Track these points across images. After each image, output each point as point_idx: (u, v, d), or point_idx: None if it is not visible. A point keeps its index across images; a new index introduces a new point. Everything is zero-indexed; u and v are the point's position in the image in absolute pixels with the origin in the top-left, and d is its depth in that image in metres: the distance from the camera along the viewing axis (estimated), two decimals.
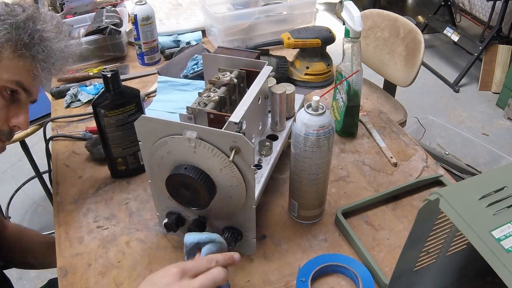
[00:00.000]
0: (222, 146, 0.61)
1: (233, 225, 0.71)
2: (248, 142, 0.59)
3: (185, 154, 0.63)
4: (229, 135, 0.59)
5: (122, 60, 1.37)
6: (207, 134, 0.61)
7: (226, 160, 0.61)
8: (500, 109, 2.66)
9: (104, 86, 0.81)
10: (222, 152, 0.61)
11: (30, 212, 2.01)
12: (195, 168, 0.63)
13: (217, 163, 0.62)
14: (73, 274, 0.73)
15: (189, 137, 0.61)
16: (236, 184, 0.63)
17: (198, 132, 0.61)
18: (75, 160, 0.98)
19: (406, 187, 0.85)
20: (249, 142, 0.59)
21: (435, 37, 3.40)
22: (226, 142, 0.60)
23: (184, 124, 0.62)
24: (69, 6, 1.55)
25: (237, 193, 0.64)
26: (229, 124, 0.67)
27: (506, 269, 0.41)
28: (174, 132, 0.62)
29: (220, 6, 1.46)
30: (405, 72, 1.63)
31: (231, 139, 0.59)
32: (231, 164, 0.61)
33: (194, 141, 0.61)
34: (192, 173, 0.62)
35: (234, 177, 0.63)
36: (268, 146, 0.81)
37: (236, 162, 0.61)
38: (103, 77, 0.79)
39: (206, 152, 0.62)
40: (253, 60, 0.82)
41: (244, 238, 0.72)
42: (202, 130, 0.61)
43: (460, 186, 0.50)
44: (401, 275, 0.60)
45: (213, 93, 0.74)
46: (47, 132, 1.09)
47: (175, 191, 0.66)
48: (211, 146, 0.61)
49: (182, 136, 0.62)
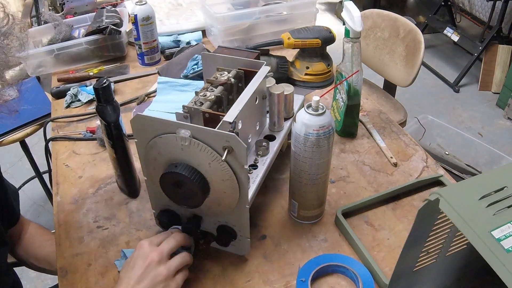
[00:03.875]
0: (215, 146, 0.61)
1: (227, 224, 0.71)
2: (240, 142, 0.59)
3: (175, 152, 0.64)
4: (222, 135, 0.60)
5: (122, 60, 1.37)
6: (200, 133, 0.61)
7: (213, 154, 0.61)
8: (500, 109, 2.66)
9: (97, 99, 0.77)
10: (216, 152, 0.61)
11: (30, 212, 2.01)
12: (187, 165, 0.63)
13: (205, 158, 0.62)
14: (73, 274, 0.73)
15: (183, 136, 0.61)
16: (227, 178, 0.63)
17: (192, 131, 0.61)
18: (75, 160, 0.98)
19: (406, 187, 0.85)
20: (241, 142, 0.59)
21: (435, 37, 3.40)
22: (219, 142, 0.60)
23: (178, 123, 0.62)
24: (69, 6, 1.55)
25: (231, 187, 0.64)
26: (223, 123, 0.67)
27: (506, 269, 0.41)
28: (169, 131, 0.62)
29: (220, 6, 1.46)
30: (405, 72, 1.63)
31: (224, 138, 0.60)
32: (218, 158, 0.62)
33: (188, 140, 0.61)
34: (184, 170, 0.62)
35: (223, 171, 0.63)
36: (265, 146, 0.80)
37: (229, 161, 0.62)
38: (95, 90, 0.76)
39: (194, 148, 0.62)
40: (251, 60, 0.82)
41: (238, 238, 0.72)
42: (196, 129, 0.61)
43: (460, 186, 0.50)
44: (401, 275, 0.60)
45: (210, 92, 0.74)
46: (47, 132, 1.09)
47: (169, 189, 0.66)
48: (200, 143, 0.61)
49: (170, 135, 0.62)
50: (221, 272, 0.72)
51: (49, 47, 1.27)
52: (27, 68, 1.29)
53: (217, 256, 0.75)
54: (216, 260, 0.74)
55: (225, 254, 0.75)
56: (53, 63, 1.31)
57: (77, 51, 1.30)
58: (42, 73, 1.32)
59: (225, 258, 0.74)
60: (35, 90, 1.48)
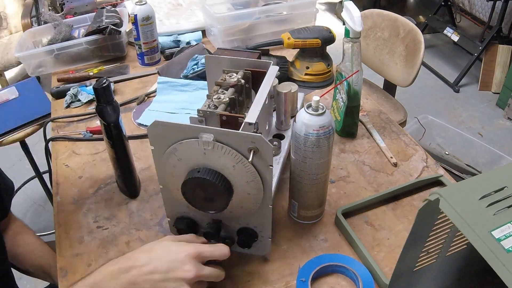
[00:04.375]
0: (239, 148, 0.60)
1: (248, 226, 0.70)
2: (266, 142, 0.58)
3: (197, 157, 0.62)
4: (247, 136, 0.59)
5: (122, 60, 1.37)
6: (223, 136, 0.60)
7: (238, 157, 0.60)
8: (500, 109, 2.66)
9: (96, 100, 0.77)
10: (240, 154, 0.60)
11: (30, 212, 2.01)
12: (209, 169, 0.62)
13: (229, 161, 0.61)
14: (73, 274, 0.73)
15: (206, 139, 0.60)
16: (251, 179, 0.62)
17: (215, 135, 0.60)
18: (75, 160, 0.98)
19: (406, 187, 0.85)
20: (267, 142, 0.58)
21: (435, 37, 3.40)
22: (244, 143, 0.59)
23: (199, 127, 0.60)
24: (69, 6, 1.55)
25: (255, 188, 0.63)
26: (245, 125, 0.67)
27: (506, 269, 0.41)
28: (189, 136, 0.61)
29: (220, 6, 1.46)
30: (405, 72, 1.63)
31: (250, 140, 0.59)
32: (243, 160, 0.60)
33: (212, 143, 0.60)
34: (207, 175, 0.61)
35: (248, 172, 0.62)
36: (277, 146, 0.81)
37: (254, 162, 0.61)
38: (95, 90, 0.75)
39: (217, 152, 0.61)
40: (257, 60, 0.82)
41: (259, 239, 0.71)
42: (219, 132, 0.60)
43: (460, 186, 0.50)
44: (401, 275, 0.60)
45: (222, 94, 0.73)
46: (47, 132, 1.09)
47: (191, 195, 0.64)
48: (224, 146, 0.60)
49: (191, 140, 0.60)
50: None
51: (49, 47, 1.27)
52: (27, 68, 1.30)
53: None
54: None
55: None
56: (53, 63, 1.31)
57: (77, 51, 1.30)
58: (42, 73, 1.32)
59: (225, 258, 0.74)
60: (35, 90, 1.48)
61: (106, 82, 0.75)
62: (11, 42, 2.47)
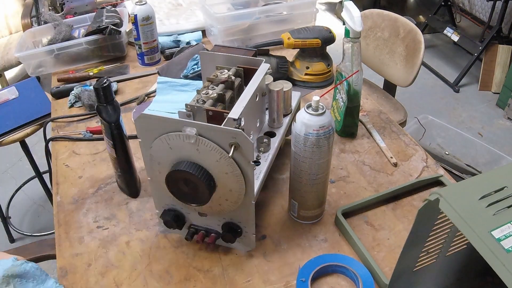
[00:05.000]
0: (221, 142, 0.61)
1: (232, 221, 0.71)
2: (247, 138, 0.59)
3: (182, 151, 0.64)
4: (228, 131, 0.60)
5: (122, 60, 1.37)
6: (206, 131, 0.61)
7: (220, 152, 0.62)
8: (500, 109, 2.66)
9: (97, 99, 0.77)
10: (222, 148, 0.61)
11: (30, 212, 2.01)
12: (193, 164, 0.63)
13: (212, 155, 0.62)
14: (73, 274, 0.73)
15: (189, 133, 0.61)
16: (234, 174, 0.64)
17: (198, 129, 0.61)
18: (75, 160, 0.98)
19: (406, 187, 0.85)
20: (248, 138, 0.59)
21: (435, 37, 3.40)
22: (225, 138, 0.61)
23: (183, 121, 0.62)
24: (69, 6, 1.55)
25: (237, 183, 0.64)
26: (228, 120, 0.68)
27: (506, 269, 0.41)
28: (174, 129, 0.63)
29: (220, 6, 1.46)
30: (405, 72, 1.63)
31: (231, 135, 0.60)
32: (225, 155, 0.62)
33: (194, 137, 0.61)
34: (190, 168, 0.62)
35: (230, 167, 0.63)
36: (266, 143, 0.81)
37: (236, 158, 0.62)
38: (95, 90, 0.75)
39: (202, 146, 0.62)
40: (250, 57, 0.83)
41: (244, 234, 0.72)
42: (202, 126, 0.61)
43: (460, 186, 0.50)
44: (401, 275, 0.60)
45: (211, 90, 0.75)
46: (47, 132, 1.09)
47: (175, 188, 0.66)
48: (206, 141, 0.61)
49: (175, 133, 0.62)
50: (221, 272, 0.72)
51: (49, 47, 1.27)
52: (27, 68, 1.30)
53: (217, 256, 0.75)
54: (216, 260, 0.74)
55: (225, 254, 0.75)
56: (53, 63, 1.31)
57: (77, 51, 1.30)
58: (42, 73, 1.32)
59: (225, 258, 0.74)
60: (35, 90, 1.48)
61: (107, 82, 0.75)
62: (11, 42, 2.47)
